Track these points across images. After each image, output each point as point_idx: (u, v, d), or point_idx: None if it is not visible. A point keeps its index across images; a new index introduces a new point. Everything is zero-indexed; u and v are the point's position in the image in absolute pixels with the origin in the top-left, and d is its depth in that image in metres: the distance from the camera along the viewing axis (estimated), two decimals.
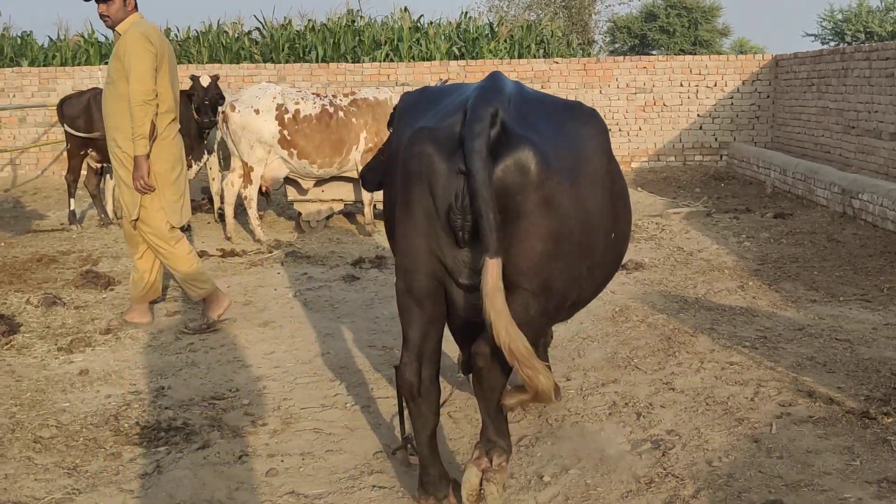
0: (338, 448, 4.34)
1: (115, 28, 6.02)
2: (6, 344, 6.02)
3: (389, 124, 4.38)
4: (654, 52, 38.99)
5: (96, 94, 10.57)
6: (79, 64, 19.63)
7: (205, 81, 9.95)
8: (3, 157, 15.95)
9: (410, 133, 3.44)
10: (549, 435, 4.46)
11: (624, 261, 8.00)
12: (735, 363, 5.37)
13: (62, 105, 10.86)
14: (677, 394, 4.95)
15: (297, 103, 9.59)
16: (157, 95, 5.96)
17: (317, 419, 4.69)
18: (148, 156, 5.98)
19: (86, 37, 20.88)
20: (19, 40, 21.26)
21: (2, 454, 4.27)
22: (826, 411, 4.59)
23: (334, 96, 9.89)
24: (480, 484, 3.49)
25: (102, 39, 20.81)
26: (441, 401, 3.73)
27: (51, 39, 21.27)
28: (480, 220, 3.10)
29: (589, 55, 26.22)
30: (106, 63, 19.92)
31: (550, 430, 4.53)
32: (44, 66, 19.45)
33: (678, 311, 6.51)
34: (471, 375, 3.75)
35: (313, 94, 9.87)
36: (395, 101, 7.83)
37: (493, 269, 3.11)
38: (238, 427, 4.58)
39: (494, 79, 3.66)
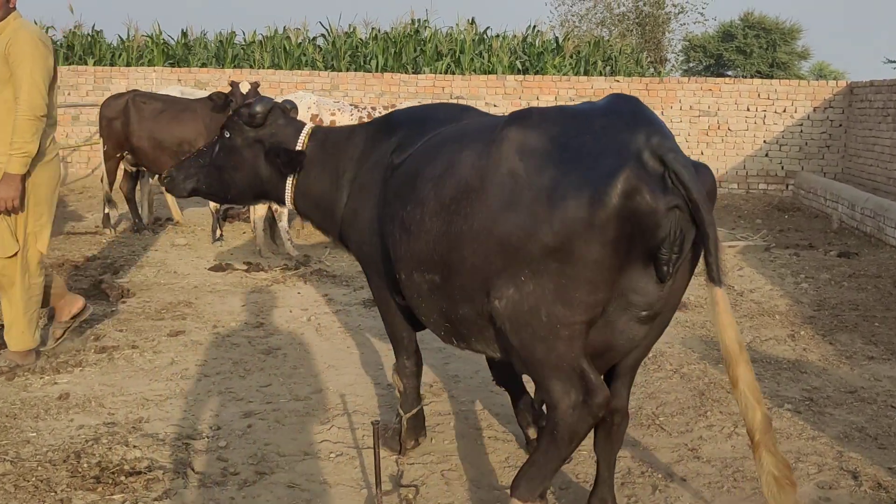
0: None
1: None
2: None
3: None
4: (729, 73, 37.97)
5: (134, 96, 10.35)
6: (142, 64, 19.66)
7: (244, 88, 9.67)
8: None
9: (600, 174, 3.05)
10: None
11: None
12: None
13: (102, 107, 10.67)
14: (703, 464, 4.38)
15: (332, 114, 9.22)
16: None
17: (294, 471, 4.23)
18: (24, 176, 5.31)
19: (153, 38, 20.92)
20: (89, 38, 21.40)
21: None
22: (872, 499, 3.98)
23: (373, 108, 9.50)
24: None
25: (167, 39, 20.86)
26: None
27: (120, 39, 21.37)
28: (710, 253, 3.07)
29: (660, 74, 25.54)
30: (170, 65, 20.02)
31: (553, 500, 4.01)
32: (110, 65, 19.50)
33: (717, 362, 5.91)
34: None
35: (351, 105, 9.49)
36: None
37: (725, 299, 3.13)
38: (206, 474, 4.15)
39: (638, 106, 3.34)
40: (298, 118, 9.11)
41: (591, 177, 3.06)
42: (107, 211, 10.77)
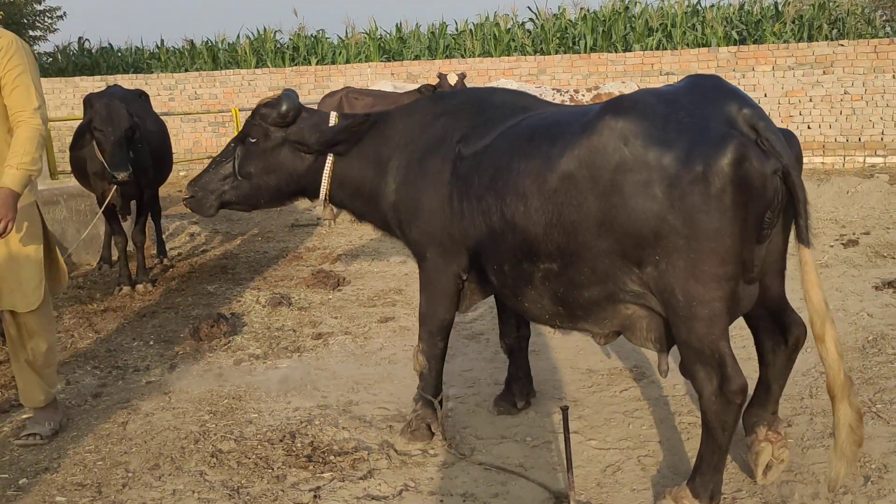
0: (503, 491, 3.96)
1: None
2: (224, 345, 6.21)
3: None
4: None
5: (347, 93, 10.84)
6: (360, 61, 20.53)
7: (452, 79, 9.87)
8: None
9: (709, 146, 3.22)
10: (752, 495, 3.82)
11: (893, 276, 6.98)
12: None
13: (320, 105, 11.24)
14: None
15: None
16: None
17: (491, 454, 4.34)
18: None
19: (370, 34, 21.79)
20: (312, 39, 22.63)
21: (179, 466, 4.32)
22: None
23: (575, 91, 9.45)
24: None
25: (382, 34, 21.64)
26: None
27: (339, 38, 22.43)
28: (800, 215, 3.27)
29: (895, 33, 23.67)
30: (385, 59, 20.78)
31: (754, 489, 3.88)
32: (332, 63, 20.51)
33: None
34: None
35: (554, 89, 9.48)
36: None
37: (812, 260, 3.35)
38: (408, 455, 4.34)
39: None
40: None
41: (700, 150, 3.19)
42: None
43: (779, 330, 3.86)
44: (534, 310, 3.99)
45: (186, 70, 22.74)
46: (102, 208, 7.73)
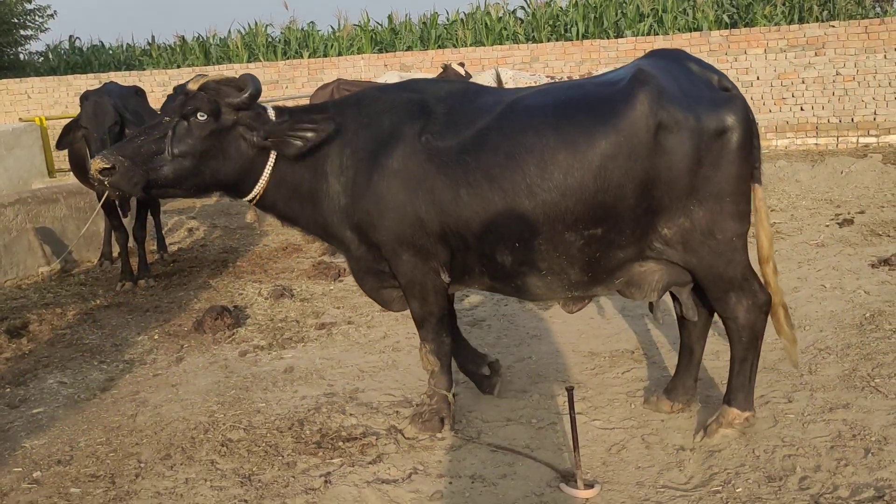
0: (511, 472, 4.03)
1: None
2: (229, 337, 6.27)
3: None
4: None
5: (339, 84, 10.86)
6: (352, 53, 20.53)
7: (460, 68, 9.89)
8: None
9: (723, 105, 3.95)
10: (755, 469, 3.89)
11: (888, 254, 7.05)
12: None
13: (312, 98, 11.26)
14: None
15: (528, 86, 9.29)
16: None
17: (497, 436, 4.41)
18: None
19: (361, 26, 21.77)
20: (303, 32, 22.63)
21: (190, 456, 4.38)
22: None
23: (570, 77, 9.49)
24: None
25: (374, 26, 21.64)
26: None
27: (332, 29, 22.42)
28: (757, 158, 4.04)
29: (886, 13, 23.71)
30: (377, 51, 20.78)
31: (756, 463, 3.95)
32: (323, 56, 20.51)
33: None
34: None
35: (548, 76, 9.53)
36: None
37: (762, 194, 4.09)
38: (416, 440, 4.40)
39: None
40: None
41: (721, 109, 3.90)
42: None
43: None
44: (552, 283, 4.09)
45: (179, 66, 22.71)
46: (101, 204, 7.78)
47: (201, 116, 4.03)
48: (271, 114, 4.20)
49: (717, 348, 5.20)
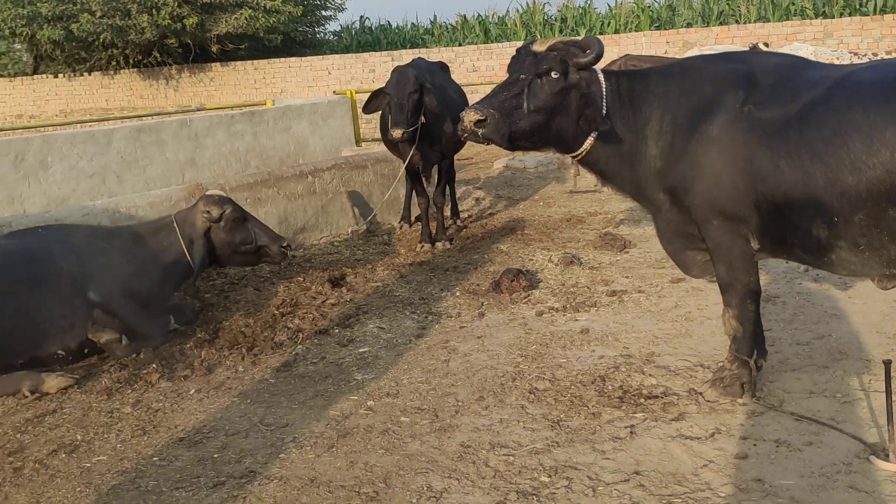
0: (817, 440, 4.09)
1: None
2: (524, 298, 6.66)
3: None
4: None
5: (626, 59, 10.98)
6: (629, 31, 20.52)
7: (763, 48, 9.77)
8: None
9: None
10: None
11: None
12: None
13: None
14: None
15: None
16: None
17: (800, 406, 4.46)
18: None
19: (638, 3, 21.71)
20: (580, 10, 22.93)
21: (501, 400, 4.79)
22: None
23: (874, 54, 9.07)
24: None
25: (649, 2, 21.49)
26: None
27: (609, 7, 22.55)
28: None
29: None
30: (655, 28, 20.63)
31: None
32: (601, 34, 20.67)
33: None
34: None
35: (851, 52, 9.15)
36: None
37: None
38: (717, 403, 4.55)
39: None
40: None
41: None
42: None
43: None
44: (869, 259, 4.05)
45: (460, 44, 23.69)
46: (403, 170, 8.46)
47: (554, 75, 4.36)
48: (600, 76, 4.52)
49: None
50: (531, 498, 3.73)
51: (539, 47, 4.48)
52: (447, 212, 9.66)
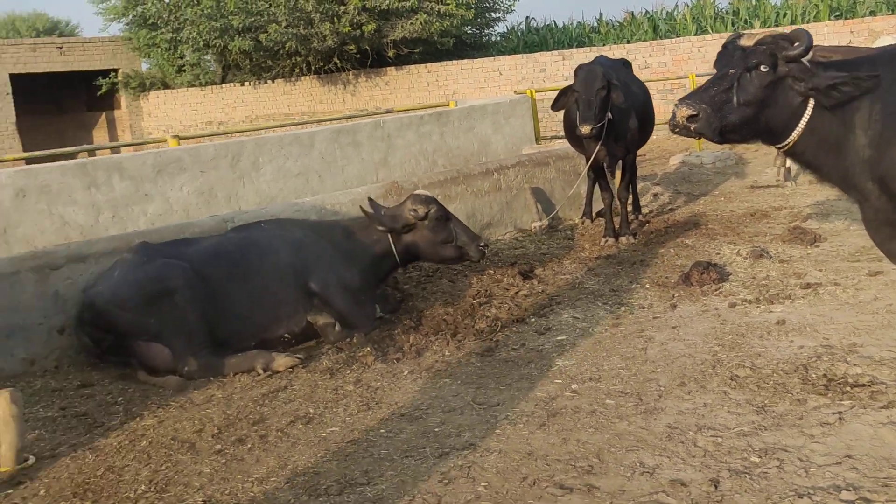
0: None
1: None
2: (715, 290, 6.74)
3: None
4: None
5: (814, 51, 10.73)
6: (807, 21, 19.89)
7: None
8: None
9: None
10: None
11: None
12: None
13: None
14: None
15: None
16: None
17: None
18: None
19: None
20: (754, 2, 22.41)
21: (703, 385, 4.94)
22: None
23: None
24: None
25: None
26: None
27: None
28: None
29: None
30: (835, 17, 19.91)
31: None
32: (775, 25, 20.15)
33: None
34: None
35: None
36: None
37: None
38: None
39: None
40: None
41: None
42: (787, 165, 11.39)
43: None
44: None
45: (628, 41, 23.55)
46: (587, 166, 8.65)
47: (763, 68, 4.42)
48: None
49: None
50: (744, 476, 3.88)
51: (747, 42, 4.57)
52: (629, 207, 9.78)
